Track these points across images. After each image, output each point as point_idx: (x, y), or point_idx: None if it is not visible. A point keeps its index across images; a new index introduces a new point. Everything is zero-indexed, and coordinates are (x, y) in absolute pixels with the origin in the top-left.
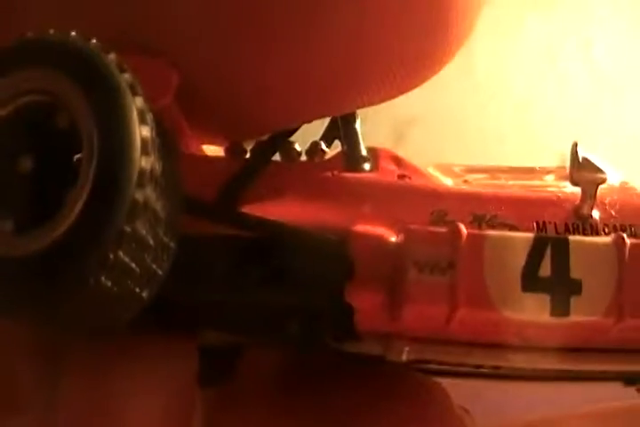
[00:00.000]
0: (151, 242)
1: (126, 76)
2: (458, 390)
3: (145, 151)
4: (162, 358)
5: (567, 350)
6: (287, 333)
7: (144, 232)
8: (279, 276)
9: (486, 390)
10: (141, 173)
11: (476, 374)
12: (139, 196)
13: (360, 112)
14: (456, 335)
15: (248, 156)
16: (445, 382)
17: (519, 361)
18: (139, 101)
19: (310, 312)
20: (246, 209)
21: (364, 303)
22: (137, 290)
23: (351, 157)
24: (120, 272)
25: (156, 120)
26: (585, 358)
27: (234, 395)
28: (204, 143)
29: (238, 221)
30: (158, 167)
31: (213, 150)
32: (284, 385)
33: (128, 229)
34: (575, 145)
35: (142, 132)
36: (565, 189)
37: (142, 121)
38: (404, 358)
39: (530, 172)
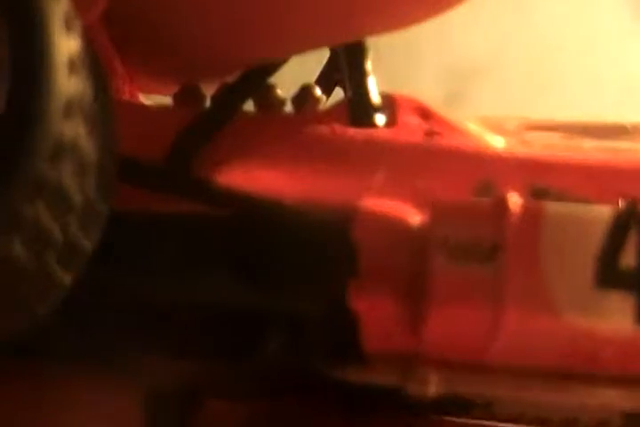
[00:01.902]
0: (78, 198)
1: None
2: None
3: (74, 70)
4: (99, 407)
5: None
6: (262, 352)
7: (70, 182)
8: (252, 269)
9: None
10: (69, 98)
11: None
12: (66, 129)
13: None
14: (504, 357)
15: (208, 104)
16: None
17: (598, 399)
18: (64, 5)
19: (296, 322)
20: (207, 176)
21: (373, 310)
22: (57, 270)
23: (359, 107)
24: (38, 236)
25: (85, 33)
26: None
27: None
28: (142, 89)
29: (195, 190)
30: (89, 94)
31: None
32: None
33: (51, 174)
34: None
35: (70, 43)
36: None
37: (69, 30)
38: (432, 391)
39: (619, 131)
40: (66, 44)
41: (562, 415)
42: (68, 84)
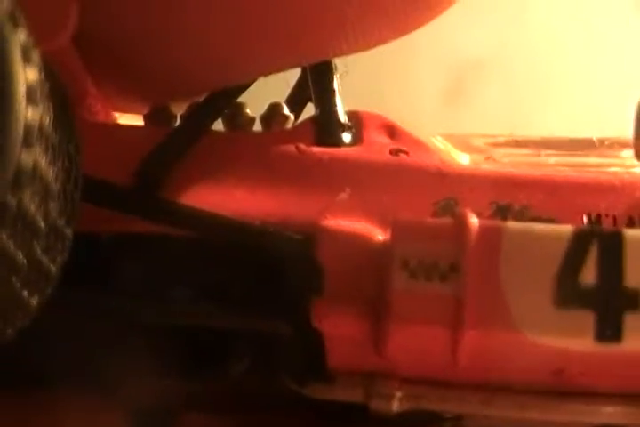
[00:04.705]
0: (42, 224)
1: (5, 1)
2: None
3: (32, 100)
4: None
5: (630, 398)
6: (233, 370)
7: (32, 209)
8: (220, 290)
9: None
10: (28, 128)
11: None
12: (25, 158)
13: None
14: (467, 373)
15: (178, 124)
16: None
17: (565, 413)
18: (22, 35)
19: (264, 341)
20: (175, 196)
21: (338, 328)
22: (23, 293)
23: (325, 125)
24: (2, 261)
25: (43, 60)
26: None
27: None
28: (116, 109)
29: (162, 211)
30: (49, 122)
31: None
32: None
33: (12, 202)
34: None
35: (28, 74)
36: (635, 170)
37: (27, 60)
38: (395, 407)
39: (586, 145)
40: (24, 75)
41: None
42: (26, 114)
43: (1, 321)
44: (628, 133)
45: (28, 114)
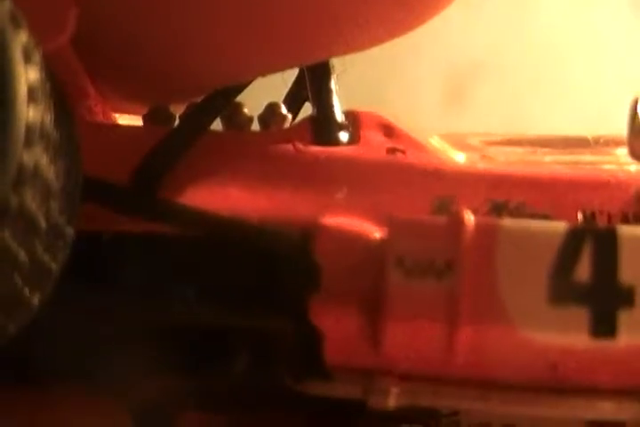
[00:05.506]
0: (43, 223)
1: (6, 3)
2: None
3: (33, 99)
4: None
5: (626, 393)
6: (233, 367)
7: (34, 207)
8: (218, 287)
9: None
10: (29, 127)
11: None
12: (27, 158)
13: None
14: (463, 369)
15: (176, 124)
16: None
17: (562, 409)
18: (23, 35)
19: (262, 338)
20: (174, 195)
21: (336, 325)
22: (25, 290)
23: (322, 124)
24: (4, 259)
25: (45, 61)
26: None
27: None
28: (114, 109)
29: (161, 211)
30: (49, 121)
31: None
32: None
33: (14, 201)
34: (637, 101)
35: (29, 73)
36: (630, 167)
37: (28, 60)
38: (392, 403)
39: (581, 143)
40: (25, 75)
41: (529, 424)
42: (27, 113)
43: (3, 317)
44: (624, 131)
45: (30, 113)
